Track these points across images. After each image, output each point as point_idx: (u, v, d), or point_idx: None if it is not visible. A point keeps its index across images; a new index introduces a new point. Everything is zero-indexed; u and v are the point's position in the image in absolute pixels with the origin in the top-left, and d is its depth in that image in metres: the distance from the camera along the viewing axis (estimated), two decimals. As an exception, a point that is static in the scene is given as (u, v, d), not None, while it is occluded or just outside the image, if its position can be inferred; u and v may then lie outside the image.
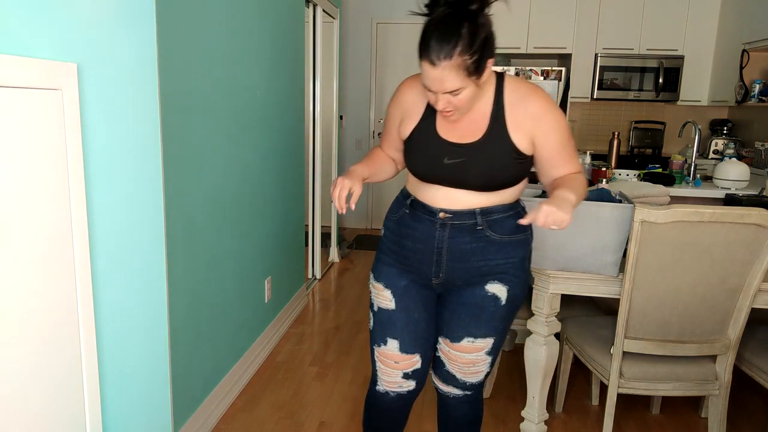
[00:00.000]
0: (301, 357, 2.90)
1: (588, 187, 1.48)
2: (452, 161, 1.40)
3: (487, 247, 1.46)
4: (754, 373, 2.07)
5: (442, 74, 1.25)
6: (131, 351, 1.14)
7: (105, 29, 1.00)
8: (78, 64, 0.92)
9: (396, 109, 1.51)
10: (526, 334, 2.17)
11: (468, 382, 1.61)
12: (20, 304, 0.83)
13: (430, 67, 1.25)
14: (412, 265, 1.52)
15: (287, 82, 3.09)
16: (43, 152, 0.85)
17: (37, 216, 0.84)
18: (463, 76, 1.26)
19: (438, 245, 1.46)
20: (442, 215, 1.45)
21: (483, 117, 1.39)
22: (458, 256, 1.47)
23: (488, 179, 1.40)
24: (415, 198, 1.51)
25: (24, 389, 0.85)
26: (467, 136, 1.40)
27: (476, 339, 1.53)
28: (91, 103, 0.97)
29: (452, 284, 1.52)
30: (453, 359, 1.58)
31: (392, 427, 1.73)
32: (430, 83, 1.29)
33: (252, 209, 2.63)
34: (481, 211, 1.43)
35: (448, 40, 1.23)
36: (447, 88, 1.28)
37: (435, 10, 1.28)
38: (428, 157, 1.43)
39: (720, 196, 3.09)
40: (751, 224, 1.72)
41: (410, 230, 1.50)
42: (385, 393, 1.63)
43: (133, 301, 1.14)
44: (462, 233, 1.45)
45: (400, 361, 1.56)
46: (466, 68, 1.25)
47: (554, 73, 4.79)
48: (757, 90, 4.47)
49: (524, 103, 1.38)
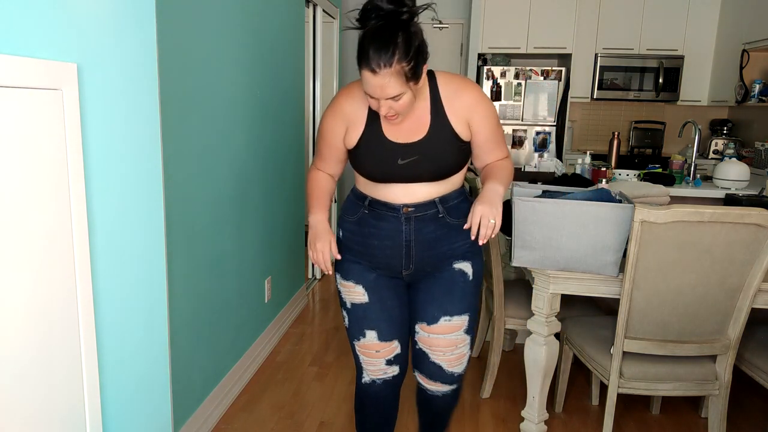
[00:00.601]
0: (301, 357, 2.90)
1: (513, 169, 1.60)
2: (406, 161, 1.48)
3: (449, 232, 1.57)
4: (754, 373, 2.07)
5: (383, 81, 1.33)
6: (131, 351, 1.14)
7: (105, 29, 1.00)
8: (78, 64, 0.92)
9: (338, 121, 1.54)
10: (526, 334, 2.17)
11: (455, 372, 1.65)
12: (20, 303, 0.83)
13: (371, 75, 1.32)
14: (381, 261, 1.59)
15: (287, 82, 3.09)
16: (43, 152, 0.85)
17: (37, 216, 0.84)
18: (402, 82, 1.34)
19: (406, 238, 1.55)
20: (405, 210, 1.53)
21: (424, 113, 1.48)
22: (426, 245, 1.56)
23: (440, 168, 1.50)
24: (372, 198, 1.56)
25: (24, 389, 0.85)
26: (413, 134, 1.48)
27: (452, 317, 1.60)
28: (91, 103, 0.97)
29: (422, 272, 1.61)
30: (434, 345, 1.62)
31: (385, 420, 1.78)
32: (372, 90, 1.36)
33: (252, 209, 2.63)
34: (440, 199, 1.54)
35: (386, 49, 1.30)
36: (389, 94, 1.35)
37: (367, 23, 1.36)
38: (381, 160, 1.50)
39: (720, 196, 3.09)
40: (751, 224, 1.72)
41: (374, 229, 1.56)
42: (372, 382, 1.68)
43: (133, 301, 1.14)
44: (426, 223, 1.55)
45: (381, 349, 1.63)
46: (404, 74, 1.33)
47: (554, 73, 4.79)
48: (757, 90, 4.47)
49: (459, 94, 1.48)
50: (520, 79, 4.79)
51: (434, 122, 1.48)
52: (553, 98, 4.79)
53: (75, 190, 0.92)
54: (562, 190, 2.14)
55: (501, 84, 4.82)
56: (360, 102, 1.50)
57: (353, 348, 1.68)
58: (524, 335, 2.92)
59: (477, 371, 2.76)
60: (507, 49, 5.02)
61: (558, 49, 4.99)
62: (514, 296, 2.50)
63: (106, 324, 1.05)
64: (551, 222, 1.88)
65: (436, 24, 5.19)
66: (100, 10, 0.98)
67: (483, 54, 5.03)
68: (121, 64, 1.05)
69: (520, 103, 4.82)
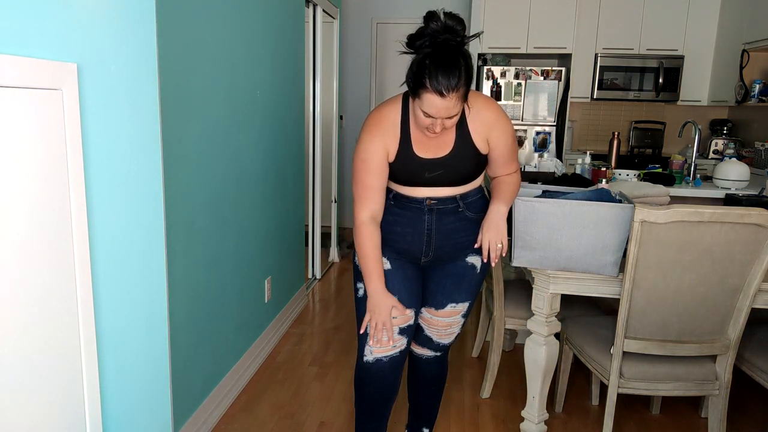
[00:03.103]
0: (301, 357, 2.90)
1: (520, 183, 1.77)
2: (433, 174, 1.63)
3: (467, 224, 1.72)
4: (754, 373, 2.07)
5: (449, 104, 1.43)
6: (131, 351, 1.14)
7: (105, 29, 1.00)
8: (78, 64, 0.92)
9: (379, 145, 1.59)
10: (526, 334, 2.17)
11: (441, 343, 1.86)
12: (19, 304, 0.83)
13: (439, 98, 1.42)
14: (402, 247, 1.72)
15: (287, 82, 3.09)
16: (43, 152, 0.85)
17: (36, 216, 0.84)
18: (461, 103, 1.47)
19: (428, 227, 1.69)
20: (429, 202, 1.67)
21: (450, 131, 1.60)
22: (445, 234, 1.70)
23: (461, 178, 1.66)
24: (397, 193, 1.70)
25: (24, 389, 0.85)
26: (440, 150, 1.61)
27: (457, 304, 1.78)
28: (91, 103, 0.97)
29: (439, 260, 1.75)
30: (434, 324, 1.81)
31: (386, 399, 1.81)
32: (435, 112, 1.45)
33: (252, 209, 2.63)
34: (460, 196, 1.69)
35: (454, 74, 1.41)
36: (452, 114, 1.46)
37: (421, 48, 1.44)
38: (410, 173, 1.63)
39: (720, 196, 3.09)
40: (751, 224, 1.72)
41: (398, 217, 1.70)
42: (376, 360, 1.72)
43: (133, 301, 1.14)
44: (447, 215, 1.69)
45: (398, 315, 1.69)
46: (464, 95, 1.47)
47: (554, 73, 4.79)
48: (757, 90, 4.47)
49: (480, 113, 1.60)
50: (520, 79, 4.79)
51: (459, 139, 1.60)
52: (553, 98, 4.79)
53: (75, 190, 0.92)
54: (562, 190, 2.15)
55: (501, 84, 4.82)
56: (392, 125, 1.60)
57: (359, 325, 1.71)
58: (524, 335, 2.92)
59: (477, 371, 2.76)
60: (507, 49, 5.02)
61: (558, 49, 4.99)
62: (514, 296, 2.50)
63: (106, 324, 1.05)
64: (551, 222, 1.88)
65: (436, 24, 5.17)
66: (100, 10, 0.98)
67: (483, 54, 5.03)
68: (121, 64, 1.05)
69: (520, 103, 4.82)
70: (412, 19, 5.64)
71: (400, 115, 1.60)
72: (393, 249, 1.73)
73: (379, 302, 1.63)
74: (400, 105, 1.61)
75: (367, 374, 1.75)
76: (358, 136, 1.67)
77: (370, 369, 1.73)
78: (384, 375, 1.74)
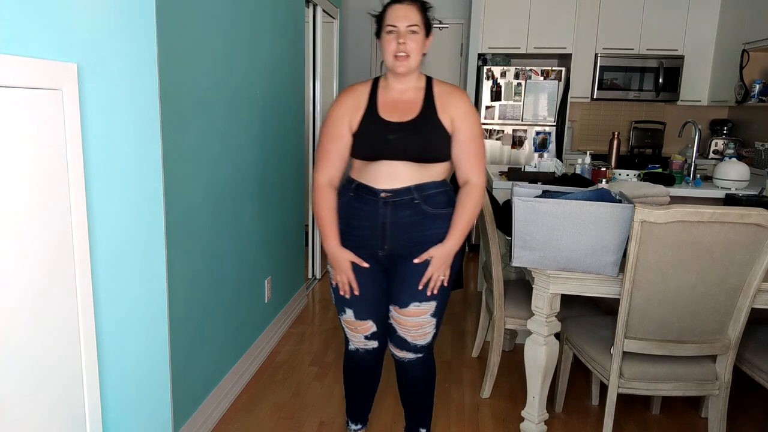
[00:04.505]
0: (301, 357, 2.90)
1: (482, 203, 1.78)
2: (394, 136, 1.69)
3: (423, 219, 1.74)
4: (754, 373, 2.07)
5: (409, 12, 1.65)
6: (131, 351, 1.14)
7: (105, 29, 1.00)
8: (78, 64, 0.92)
9: (344, 112, 1.76)
10: (526, 334, 2.17)
11: (418, 344, 1.87)
12: (19, 304, 0.83)
13: (399, 5, 1.66)
14: (361, 240, 1.78)
15: (287, 82, 3.09)
16: (43, 152, 0.85)
17: (36, 216, 0.84)
18: (420, 18, 1.66)
19: (382, 220, 1.73)
20: (384, 195, 1.71)
21: (417, 101, 1.73)
22: (400, 228, 1.74)
23: (423, 150, 1.70)
24: (359, 182, 1.76)
25: (24, 389, 0.85)
26: (405, 115, 1.71)
27: (421, 303, 1.79)
28: (91, 103, 0.97)
29: (397, 254, 1.78)
30: (402, 324, 1.84)
31: (369, 381, 2.06)
32: (396, 18, 1.65)
33: (252, 209, 2.63)
34: (416, 187, 1.71)
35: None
36: (411, 20, 1.64)
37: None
38: (374, 136, 1.71)
39: (720, 196, 3.08)
40: (751, 224, 1.72)
41: (356, 211, 1.76)
42: (356, 350, 1.97)
43: (133, 301, 1.14)
44: (402, 208, 1.72)
45: (357, 326, 1.90)
46: (422, 14, 1.68)
47: (554, 73, 4.79)
48: (757, 90, 4.46)
49: (449, 95, 1.74)
50: (520, 79, 4.79)
51: (423, 110, 1.71)
52: (553, 98, 4.79)
53: (75, 190, 0.92)
54: (562, 190, 2.15)
55: (501, 84, 4.82)
56: (361, 93, 1.76)
57: (340, 320, 1.95)
58: (524, 335, 2.92)
59: (477, 371, 2.77)
60: (507, 49, 5.02)
61: (558, 49, 4.99)
62: (514, 296, 2.50)
63: (106, 324, 1.05)
64: (551, 222, 1.88)
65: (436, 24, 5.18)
66: (100, 10, 0.98)
67: (483, 54, 5.03)
68: (121, 64, 1.05)
69: (520, 103, 4.82)
70: (412, 19, 5.65)
71: (369, 86, 1.77)
72: (352, 242, 1.78)
73: (338, 258, 1.79)
74: (371, 80, 1.81)
75: (350, 361, 2.01)
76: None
77: (354, 357, 1.99)
78: (367, 360, 1.98)
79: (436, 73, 1.94)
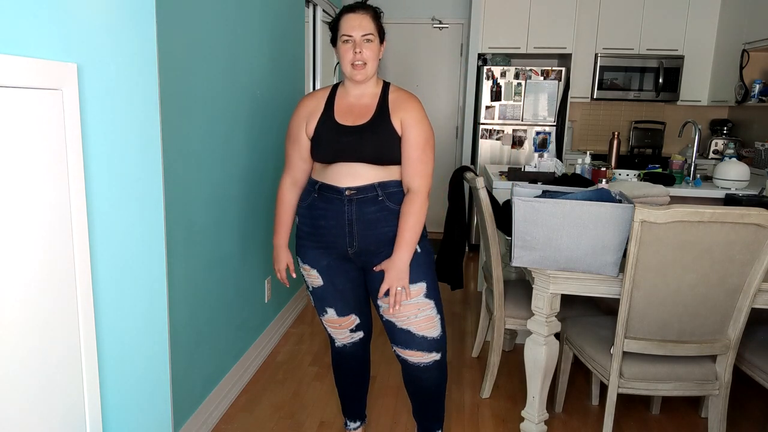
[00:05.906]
0: (301, 357, 2.90)
1: (425, 212, 1.76)
2: (347, 139, 1.73)
3: (388, 215, 1.75)
4: (754, 373, 2.07)
5: (363, 21, 1.70)
6: (131, 351, 1.14)
7: (105, 29, 1.00)
8: (78, 64, 0.92)
9: (301, 118, 1.82)
10: (526, 334, 2.17)
11: (427, 336, 1.80)
12: (19, 304, 0.83)
13: (353, 15, 1.71)
14: (329, 240, 1.79)
15: (287, 81, 3.09)
16: (43, 152, 0.85)
17: (36, 216, 0.84)
18: (374, 26, 1.73)
19: (348, 218, 1.74)
20: (348, 192, 1.72)
21: (371, 107, 1.77)
22: (366, 224, 1.75)
23: (376, 152, 1.72)
24: (322, 183, 1.78)
25: (24, 389, 0.85)
26: (359, 120, 1.75)
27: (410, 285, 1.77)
28: (91, 103, 0.97)
29: (368, 252, 1.78)
30: (398, 312, 1.79)
31: (360, 374, 2.09)
32: (351, 28, 1.70)
33: (252, 209, 2.63)
34: (379, 184, 1.73)
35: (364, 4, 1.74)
36: (365, 29, 1.70)
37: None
38: (330, 139, 1.75)
39: (720, 196, 3.08)
40: (751, 224, 1.72)
41: (322, 211, 1.77)
42: (343, 346, 2.02)
43: (133, 301, 1.14)
44: (367, 205, 1.73)
45: (341, 322, 1.94)
46: (375, 22, 1.74)
47: (554, 73, 4.79)
48: (757, 90, 4.46)
49: (402, 102, 1.77)
50: (520, 79, 4.79)
51: (377, 114, 1.75)
52: (553, 98, 4.79)
53: (75, 190, 0.92)
54: (562, 190, 2.15)
55: (501, 84, 4.82)
56: (320, 99, 1.81)
57: (322, 322, 1.98)
58: (524, 335, 2.92)
59: (477, 371, 2.77)
60: (507, 49, 5.02)
61: (558, 49, 4.99)
62: (514, 296, 2.50)
63: (106, 324, 1.05)
64: (551, 222, 1.88)
65: (436, 24, 5.19)
66: (99, 10, 0.98)
67: (483, 54, 5.03)
68: (121, 64, 1.05)
69: (520, 103, 4.82)
70: (412, 19, 5.65)
71: (328, 91, 1.83)
72: (321, 243, 1.80)
73: (278, 255, 1.92)
74: (330, 86, 1.85)
75: (339, 358, 2.05)
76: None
77: (342, 352, 2.03)
78: (354, 352, 2.02)
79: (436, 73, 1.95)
